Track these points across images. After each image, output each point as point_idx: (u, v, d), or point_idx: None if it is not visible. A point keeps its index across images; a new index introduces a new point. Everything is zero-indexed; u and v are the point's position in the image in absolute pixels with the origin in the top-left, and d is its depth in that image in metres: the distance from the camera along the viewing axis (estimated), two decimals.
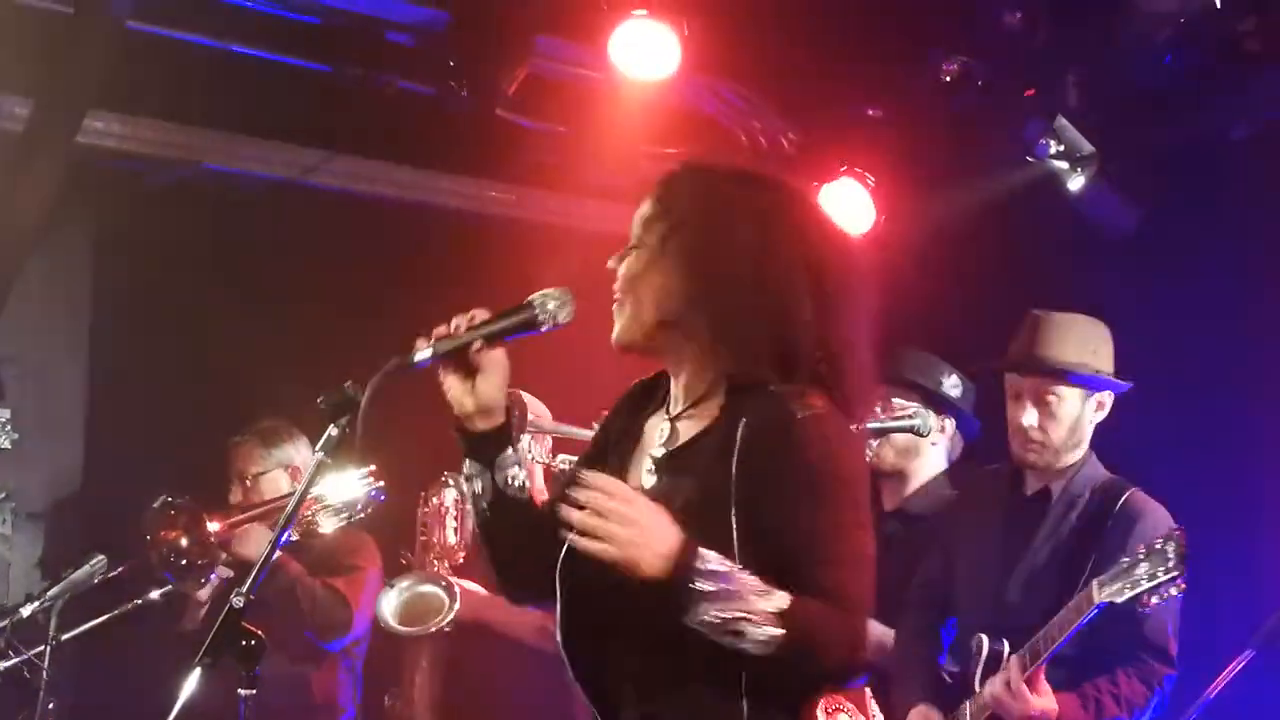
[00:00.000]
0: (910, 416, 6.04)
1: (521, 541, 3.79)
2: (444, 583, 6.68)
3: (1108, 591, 5.19)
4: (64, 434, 8.29)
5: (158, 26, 7.44)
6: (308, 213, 8.38)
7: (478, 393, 3.80)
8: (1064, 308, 6.08)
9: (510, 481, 3.77)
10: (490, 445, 3.81)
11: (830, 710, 3.74)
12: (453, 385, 3.82)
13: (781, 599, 3.40)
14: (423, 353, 3.67)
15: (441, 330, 3.79)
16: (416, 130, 8.09)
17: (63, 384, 8.29)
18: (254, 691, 3.97)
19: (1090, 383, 5.82)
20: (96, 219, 8.29)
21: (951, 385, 6.51)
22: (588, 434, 5.40)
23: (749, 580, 3.42)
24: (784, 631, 3.38)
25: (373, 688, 7.07)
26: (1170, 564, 5.09)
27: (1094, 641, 5.47)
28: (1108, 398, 5.87)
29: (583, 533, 3.44)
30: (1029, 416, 5.78)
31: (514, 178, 8.87)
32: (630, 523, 3.42)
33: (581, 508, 3.45)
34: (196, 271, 8.03)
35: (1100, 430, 5.97)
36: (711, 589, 3.38)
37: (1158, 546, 5.11)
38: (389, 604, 6.67)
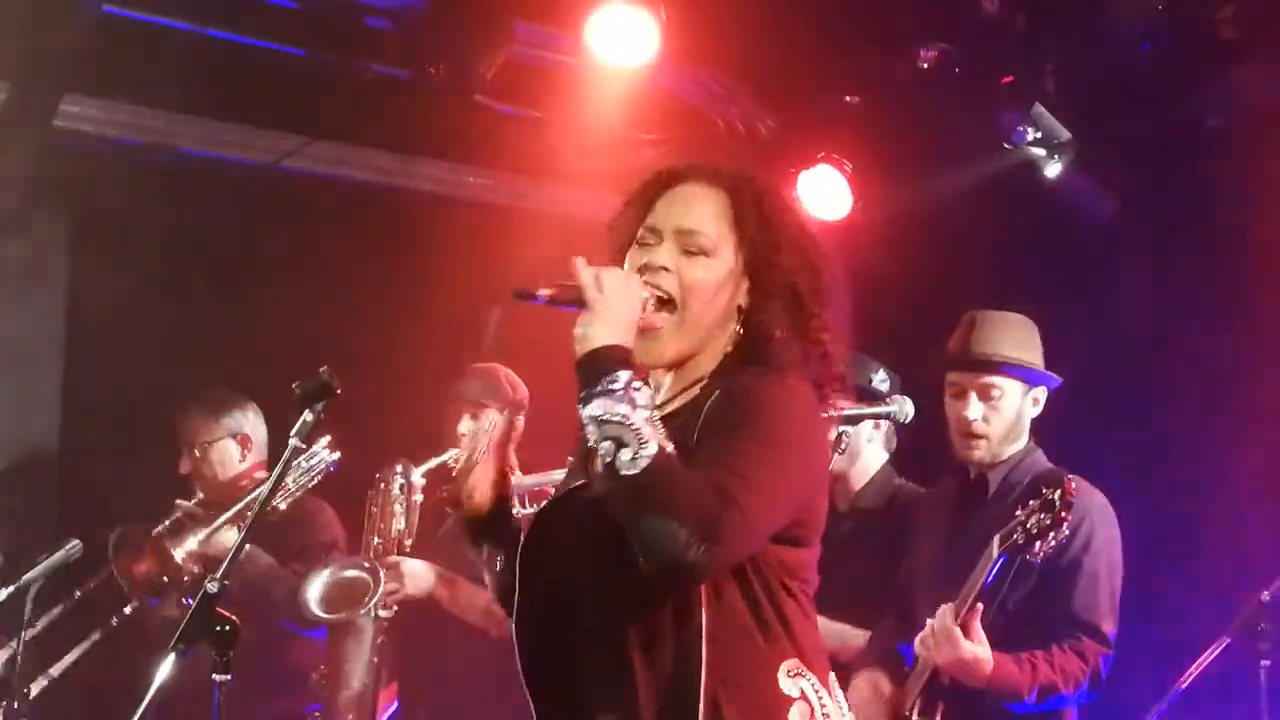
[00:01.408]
0: (888, 403, 6.06)
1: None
2: (367, 565, 6.68)
3: (1007, 544, 5.30)
4: (40, 418, 8.27)
5: (134, 10, 7.44)
6: (285, 197, 8.38)
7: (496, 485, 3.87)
8: (1040, 294, 6.11)
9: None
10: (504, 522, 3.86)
11: (792, 674, 3.65)
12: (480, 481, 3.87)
13: (669, 446, 3.42)
14: (543, 292, 3.62)
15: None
16: (394, 115, 8.09)
17: (39, 367, 8.27)
18: (229, 676, 3.98)
19: (1029, 376, 5.91)
20: (73, 202, 8.26)
21: (880, 380, 6.53)
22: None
23: (653, 417, 3.46)
24: (653, 463, 3.36)
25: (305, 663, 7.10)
26: (1055, 509, 5.18)
27: (1031, 626, 5.54)
28: (1042, 393, 5.95)
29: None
30: (973, 410, 5.87)
31: (491, 163, 8.86)
32: (608, 292, 3.54)
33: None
34: (173, 255, 8.01)
35: (1074, 419, 6.00)
36: (618, 390, 3.43)
37: (1047, 495, 5.19)
38: (313, 592, 6.66)
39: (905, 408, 6.02)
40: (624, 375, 3.44)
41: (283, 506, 6.81)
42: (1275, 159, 7.24)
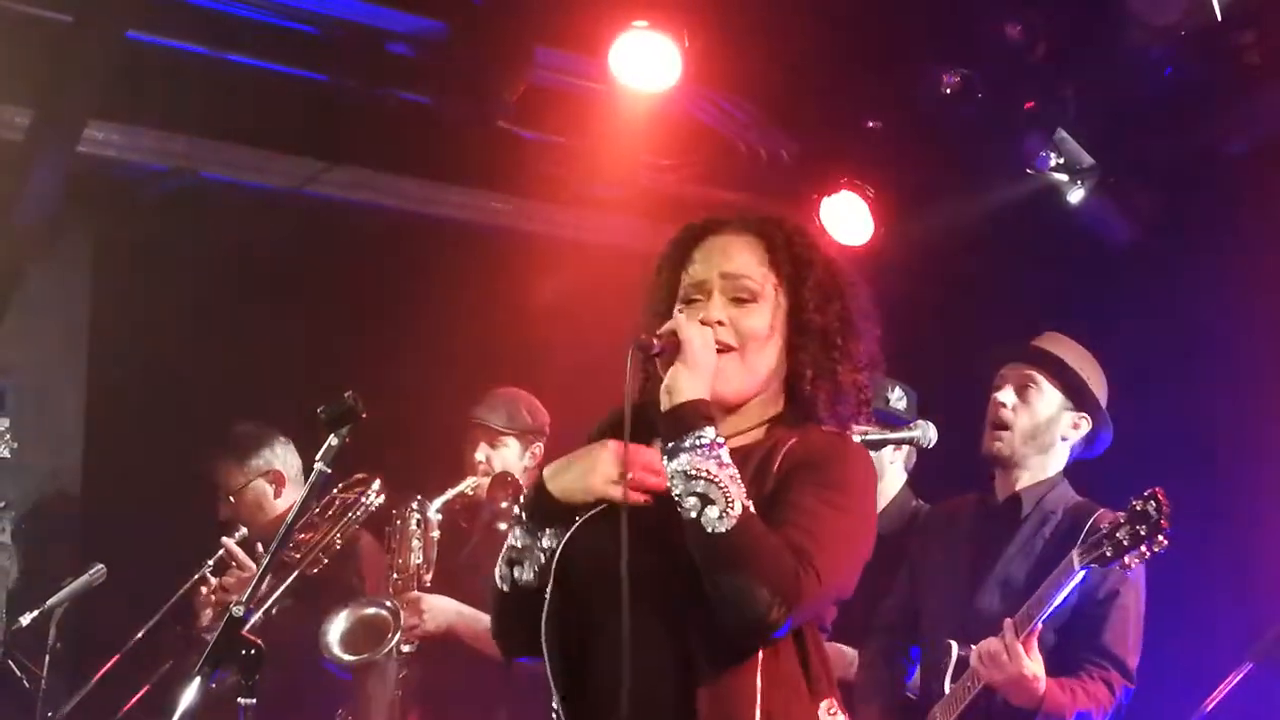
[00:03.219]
0: (911, 429, 6.06)
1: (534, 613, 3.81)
2: (387, 604, 6.66)
3: (1089, 557, 5.23)
4: (63, 443, 8.28)
5: (157, 36, 7.44)
6: (307, 223, 8.37)
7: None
8: (1062, 320, 6.10)
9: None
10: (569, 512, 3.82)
11: (831, 712, 3.73)
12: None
13: (751, 505, 3.52)
14: (655, 343, 3.71)
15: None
16: (416, 141, 8.09)
17: (62, 394, 8.28)
18: (254, 700, 3.98)
19: (1073, 385, 5.87)
20: (96, 228, 8.28)
21: (898, 399, 6.54)
22: None
23: (737, 475, 3.56)
24: (739, 524, 3.47)
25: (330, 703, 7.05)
26: (1153, 520, 5.10)
27: (1055, 656, 5.49)
28: (1085, 423, 5.90)
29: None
30: (1006, 395, 5.85)
31: (514, 189, 8.86)
32: (696, 347, 3.66)
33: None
34: (195, 281, 8.02)
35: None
36: (704, 446, 3.54)
37: (1138, 508, 5.14)
38: (334, 635, 6.64)
39: (929, 433, 6.03)
40: (710, 431, 3.58)
41: (338, 543, 6.82)
42: None
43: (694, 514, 3.49)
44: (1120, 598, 5.54)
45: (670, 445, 3.57)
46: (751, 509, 3.51)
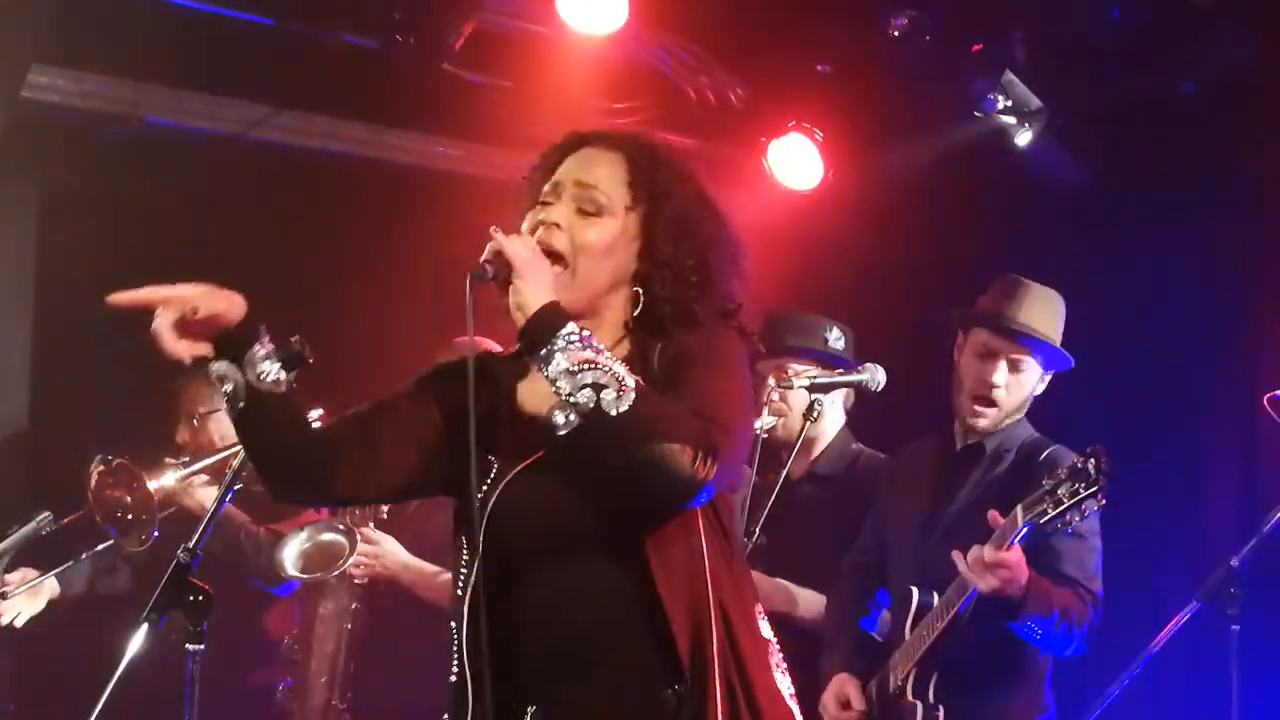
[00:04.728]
0: (859, 371, 6.06)
1: (284, 438, 3.75)
2: (343, 528, 6.67)
3: (1033, 513, 5.19)
4: (9, 388, 8.24)
5: None
6: (254, 168, 8.32)
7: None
8: (1011, 262, 6.10)
9: (262, 377, 3.69)
10: (237, 342, 3.76)
11: (761, 615, 3.74)
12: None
13: (639, 381, 3.50)
14: (488, 270, 3.65)
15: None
16: (363, 85, 8.06)
17: (8, 339, 8.24)
18: (202, 646, 3.97)
19: (1054, 359, 5.90)
20: (41, 174, 8.22)
21: (835, 339, 6.52)
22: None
23: (611, 355, 3.55)
24: (638, 395, 3.45)
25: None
26: (1092, 477, 5.09)
27: None
28: (1051, 374, 5.94)
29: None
30: (999, 375, 5.84)
31: (461, 132, 8.82)
32: (527, 257, 3.61)
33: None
34: (142, 226, 7.97)
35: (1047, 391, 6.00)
36: (575, 341, 3.50)
37: (1079, 465, 5.12)
38: (290, 553, 6.65)
39: (877, 375, 6.03)
40: (573, 326, 3.52)
41: None
42: (1247, 124, 7.25)
43: (590, 404, 3.44)
44: (1074, 529, 5.51)
45: (542, 353, 3.49)
46: (641, 383, 3.48)
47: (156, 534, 6.61)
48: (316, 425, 3.85)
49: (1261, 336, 7.16)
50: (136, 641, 3.85)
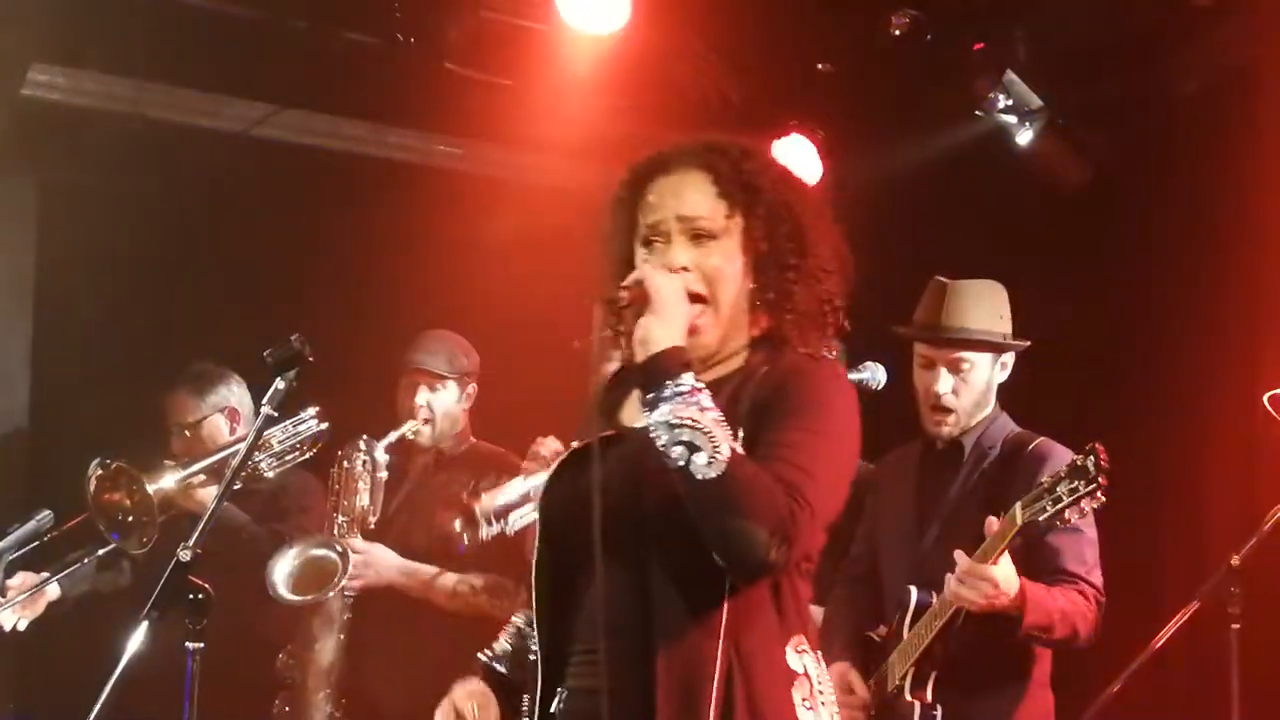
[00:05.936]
0: (860, 370, 6.07)
1: None
2: (337, 547, 6.66)
3: (1030, 511, 5.18)
4: (9, 387, 8.24)
5: None
6: (254, 166, 8.33)
7: None
8: (1011, 261, 6.10)
9: None
10: None
11: (799, 649, 3.71)
12: None
13: (738, 447, 3.50)
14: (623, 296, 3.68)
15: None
16: (363, 83, 8.05)
17: (8, 337, 8.23)
18: (202, 645, 3.97)
19: (999, 348, 5.89)
20: (41, 172, 8.23)
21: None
22: None
23: (720, 418, 3.52)
24: (728, 467, 3.44)
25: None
26: (1091, 475, 5.08)
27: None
28: (1010, 358, 5.94)
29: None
30: (943, 384, 5.85)
31: (461, 131, 8.84)
32: (666, 296, 3.62)
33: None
34: (142, 224, 7.98)
35: (1044, 386, 6.00)
36: (684, 393, 3.50)
37: (1078, 463, 5.11)
38: (280, 573, 6.64)
39: (877, 375, 6.04)
40: (688, 378, 3.54)
41: (271, 475, 6.85)
42: (1247, 124, 7.25)
43: (681, 463, 3.45)
44: (1069, 524, 5.50)
45: (650, 396, 3.53)
46: (739, 450, 3.48)
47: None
48: None
49: (1261, 336, 7.15)
50: (136, 640, 3.85)
